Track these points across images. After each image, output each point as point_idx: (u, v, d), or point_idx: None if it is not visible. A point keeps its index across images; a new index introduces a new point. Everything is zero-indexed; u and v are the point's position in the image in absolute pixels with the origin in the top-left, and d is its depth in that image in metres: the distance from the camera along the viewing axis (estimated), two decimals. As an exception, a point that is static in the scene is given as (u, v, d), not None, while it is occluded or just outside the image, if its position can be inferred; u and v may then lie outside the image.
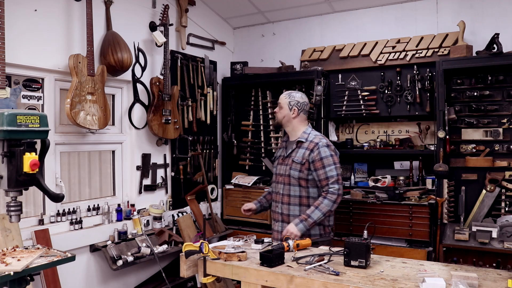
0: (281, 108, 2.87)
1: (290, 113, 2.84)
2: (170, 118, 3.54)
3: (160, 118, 3.50)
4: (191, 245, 2.21)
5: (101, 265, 3.18)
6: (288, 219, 2.79)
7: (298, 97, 2.87)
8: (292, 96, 2.86)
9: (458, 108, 3.49)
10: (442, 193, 3.37)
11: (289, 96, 2.87)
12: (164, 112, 3.51)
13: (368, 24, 4.07)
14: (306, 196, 2.78)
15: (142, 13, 3.59)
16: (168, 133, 3.60)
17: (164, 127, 3.54)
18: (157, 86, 3.50)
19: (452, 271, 1.89)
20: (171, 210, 3.81)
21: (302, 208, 2.77)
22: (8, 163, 1.91)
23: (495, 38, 3.23)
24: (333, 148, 2.79)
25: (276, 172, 2.94)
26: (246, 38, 4.77)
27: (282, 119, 2.89)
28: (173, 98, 3.63)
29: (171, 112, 3.56)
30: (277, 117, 2.92)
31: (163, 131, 3.54)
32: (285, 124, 2.90)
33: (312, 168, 2.74)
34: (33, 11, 2.77)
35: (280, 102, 2.89)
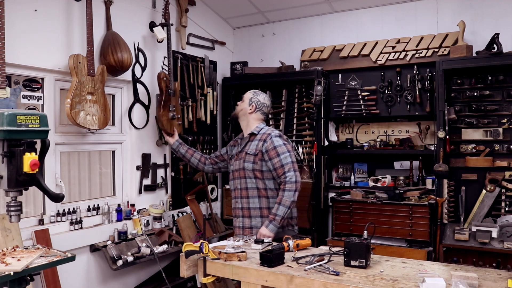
0: (242, 102, 3.04)
1: (248, 108, 2.99)
2: (175, 113, 3.56)
3: (167, 114, 3.51)
4: (191, 245, 2.21)
5: (101, 265, 3.18)
6: (248, 212, 2.89)
7: (260, 97, 3.04)
8: (256, 94, 3.05)
9: (458, 108, 3.49)
10: (442, 193, 3.37)
11: (254, 93, 3.05)
12: (171, 108, 3.52)
13: (368, 24, 4.07)
14: (263, 188, 2.87)
15: (142, 13, 3.59)
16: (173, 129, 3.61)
17: (171, 123, 3.55)
18: (165, 81, 3.49)
19: (452, 271, 1.89)
20: (171, 210, 3.81)
21: (262, 200, 2.85)
22: (8, 163, 1.91)
23: (495, 38, 3.23)
24: (286, 138, 2.94)
25: (232, 170, 3.04)
26: (246, 38, 4.77)
27: (239, 112, 3.05)
28: (176, 94, 3.63)
29: (175, 108, 3.57)
30: (236, 109, 3.09)
31: (169, 127, 3.54)
32: (240, 117, 3.06)
33: (266, 158, 2.82)
34: (33, 11, 2.76)
35: (243, 96, 3.07)
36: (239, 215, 2.95)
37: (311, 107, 4.01)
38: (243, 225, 2.91)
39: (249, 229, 2.89)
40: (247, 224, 2.91)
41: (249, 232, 2.84)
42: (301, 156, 4.07)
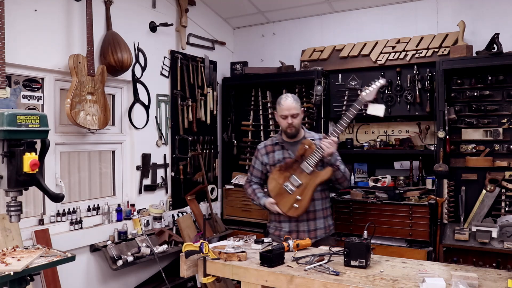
0: (298, 115, 2.79)
1: (301, 115, 2.85)
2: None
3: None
4: (191, 245, 2.21)
5: (101, 265, 3.18)
6: (314, 215, 2.81)
7: (297, 97, 2.88)
8: (297, 98, 2.84)
9: (458, 108, 3.49)
10: (442, 193, 3.37)
11: (296, 99, 2.81)
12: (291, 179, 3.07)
13: (368, 24, 4.07)
14: (324, 189, 2.87)
15: (142, 13, 3.59)
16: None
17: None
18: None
19: (452, 271, 1.89)
20: (171, 210, 3.81)
21: (324, 201, 2.86)
22: (8, 163, 1.91)
23: (495, 38, 3.22)
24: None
25: None
26: (246, 38, 4.77)
27: (299, 125, 2.84)
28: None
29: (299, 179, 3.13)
30: (295, 124, 2.79)
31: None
32: (299, 127, 2.86)
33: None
34: (33, 11, 2.77)
35: (294, 111, 2.76)
36: (303, 219, 2.79)
37: (311, 107, 4.00)
38: (309, 228, 2.79)
39: (314, 231, 2.80)
40: (312, 227, 2.81)
41: (314, 235, 2.78)
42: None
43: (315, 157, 2.67)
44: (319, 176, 2.71)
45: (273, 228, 2.92)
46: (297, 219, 2.78)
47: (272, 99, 4.37)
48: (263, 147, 2.99)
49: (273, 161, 2.90)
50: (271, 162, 2.91)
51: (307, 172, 2.70)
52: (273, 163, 2.89)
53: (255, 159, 3.02)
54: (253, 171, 3.03)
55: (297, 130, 2.83)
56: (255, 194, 2.95)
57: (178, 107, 3.89)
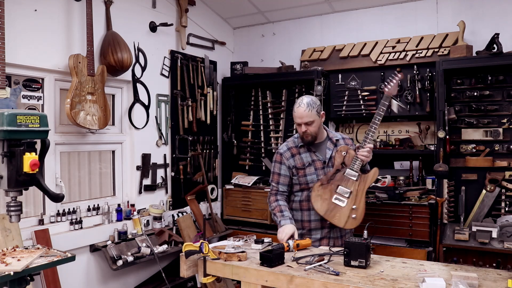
0: (312, 122, 2.58)
1: (320, 120, 2.63)
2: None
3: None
4: (191, 245, 2.20)
5: (101, 265, 3.18)
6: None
7: (315, 99, 2.64)
8: (313, 103, 2.59)
9: (458, 108, 3.49)
10: (442, 193, 3.37)
11: (311, 105, 2.57)
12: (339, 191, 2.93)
13: (368, 24, 4.07)
14: None
15: (142, 13, 3.59)
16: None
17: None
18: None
19: (452, 271, 1.89)
20: (171, 210, 3.81)
21: None
22: (8, 163, 1.91)
23: (495, 38, 3.23)
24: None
25: (316, 179, 2.64)
26: (246, 38, 4.77)
27: (316, 132, 2.62)
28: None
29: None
30: (311, 132, 2.59)
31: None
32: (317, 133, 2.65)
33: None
34: (33, 11, 2.77)
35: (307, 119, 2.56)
36: (325, 226, 2.64)
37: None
38: (341, 233, 2.66)
39: (340, 238, 2.67)
40: (343, 231, 2.67)
41: (339, 243, 2.63)
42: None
43: (357, 162, 2.55)
44: (368, 179, 2.59)
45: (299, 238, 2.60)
46: (330, 225, 2.61)
47: (272, 99, 4.37)
48: (287, 150, 2.72)
49: (302, 164, 2.66)
50: (299, 165, 2.66)
51: (354, 178, 2.57)
52: (302, 166, 2.65)
53: (279, 165, 2.72)
54: (280, 179, 2.71)
55: (313, 137, 2.63)
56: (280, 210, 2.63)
57: (178, 107, 3.89)
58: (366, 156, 2.56)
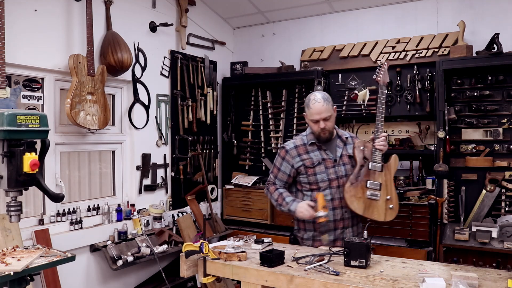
0: (330, 117, 2.52)
1: (335, 114, 2.59)
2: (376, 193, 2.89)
3: (361, 191, 2.83)
4: (191, 245, 2.21)
5: (101, 265, 3.18)
6: (349, 222, 2.59)
7: (327, 94, 2.58)
8: (327, 97, 2.55)
9: (458, 108, 3.49)
10: (442, 193, 3.37)
11: (326, 99, 2.52)
12: (370, 185, 2.88)
13: (368, 24, 4.07)
14: None
15: (142, 13, 3.59)
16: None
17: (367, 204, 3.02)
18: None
19: (452, 271, 1.89)
20: (171, 210, 3.81)
21: None
22: (8, 163, 1.91)
23: (495, 38, 3.23)
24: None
25: (327, 178, 2.57)
26: (246, 38, 4.77)
27: (333, 127, 2.60)
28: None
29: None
30: (329, 128, 2.54)
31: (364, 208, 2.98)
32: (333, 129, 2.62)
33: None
34: (33, 11, 2.77)
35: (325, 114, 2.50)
36: (338, 227, 2.57)
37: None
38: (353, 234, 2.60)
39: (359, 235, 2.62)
40: (355, 232, 2.62)
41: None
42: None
43: (377, 153, 2.57)
44: (391, 166, 2.61)
45: (310, 240, 2.62)
46: (343, 225, 2.56)
47: (272, 99, 4.37)
48: (293, 147, 2.64)
49: (311, 163, 2.58)
50: (308, 163, 2.58)
51: (379, 170, 2.57)
52: (312, 165, 2.58)
53: (281, 161, 2.66)
54: (278, 174, 2.68)
55: (331, 133, 2.58)
56: (283, 198, 2.60)
57: (178, 107, 3.89)
58: (383, 145, 2.57)
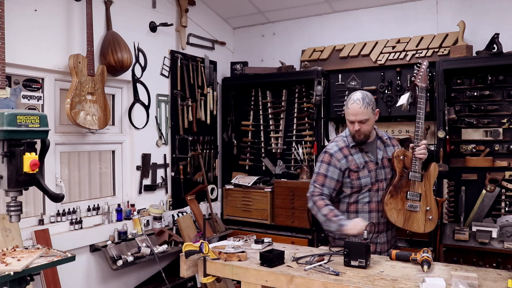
0: (367, 121, 2.42)
1: (374, 118, 2.48)
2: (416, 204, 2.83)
3: (400, 203, 2.70)
4: (191, 245, 2.21)
5: (101, 265, 3.18)
6: (384, 227, 2.53)
7: (370, 95, 2.47)
8: (369, 99, 2.43)
9: (458, 108, 3.49)
10: (442, 193, 3.37)
11: (367, 102, 2.41)
12: (409, 196, 2.73)
13: (368, 24, 4.07)
14: None
15: (142, 13, 3.59)
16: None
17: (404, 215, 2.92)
18: (402, 161, 2.65)
19: (452, 271, 1.89)
20: (171, 210, 3.81)
21: None
22: (8, 163, 1.91)
23: (495, 38, 3.23)
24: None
25: (372, 181, 2.48)
26: (246, 38, 4.77)
27: (369, 131, 2.48)
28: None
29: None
30: (364, 131, 2.43)
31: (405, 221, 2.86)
32: (370, 132, 2.50)
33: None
34: (33, 11, 2.77)
35: (362, 117, 2.39)
36: (383, 229, 2.51)
37: (311, 107, 4.01)
38: (387, 238, 2.54)
39: (392, 239, 2.59)
40: (390, 236, 2.56)
41: (392, 245, 2.56)
42: (301, 156, 4.07)
43: (417, 162, 2.47)
44: (430, 175, 2.52)
45: (342, 240, 2.39)
46: (378, 229, 2.48)
47: (272, 99, 4.37)
48: (338, 150, 2.51)
49: (356, 166, 2.47)
50: (353, 167, 2.47)
51: (419, 180, 2.49)
52: (357, 169, 2.46)
53: (327, 166, 2.49)
54: (325, 181, 2.48)
55: (366, 136, 2.46)
56: (335, 214, 2.39)
57: (178, 107, 3.89)
58: (424, 154, 2.47)
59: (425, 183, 2.52)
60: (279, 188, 4.02)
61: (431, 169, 2.56)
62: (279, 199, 4.02)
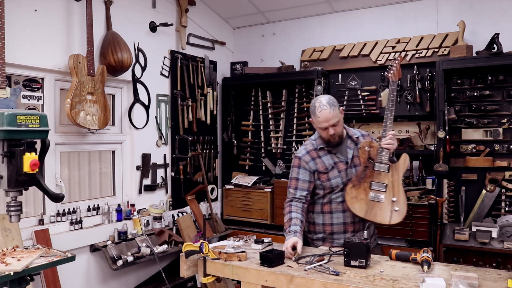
0: (338, 122, 2.42)
1: (342, 116, 2.49)
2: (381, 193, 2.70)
3: (361, 192, 2.70)
4: (191, 245, 2.21)
5: (101, 265, 3.18)
6: (360, 226, 2.52)
7: (332, 97, 2.47)
8: (332, 101, 2.43)
9: (458, 108, 3.49)
10: (442, 193, 3.37)
11: (332, 104, 2.40)
12: (374, 186, 2.70)
13: (368, 24, 4.07)
14: None
15: (142, 13, 3.59)
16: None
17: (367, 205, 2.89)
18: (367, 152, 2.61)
19: (452, 271, 1.89)
20: (171, 210, 3.81)
21: None
22: (8, 163, 1.91)
23: (495, 38, 3.23)
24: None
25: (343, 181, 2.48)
26: (246, 38, 4.77)
27: (342, 131, 2.49)
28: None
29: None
30: (338, 133, 2.44)
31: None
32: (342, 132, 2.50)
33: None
34: (33, 11, 2.77)
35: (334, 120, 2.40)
36: (360, 228, 2.51)
37: (311, 107, 4.00)
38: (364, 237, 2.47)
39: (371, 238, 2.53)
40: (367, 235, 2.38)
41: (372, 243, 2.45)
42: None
43: (384, 152, 2.41)
44: (399, 166, 2.42)
45: (320, 240, 2.56)
46: (354, 228, 2.48)
47: (272, 99, 4.37)
48: (306, 153, 2.55)
49: (324, 168, 2.49)
50: (321, 169, 2.50)
51: (385, 170, 2.42)
52: (325, 170, 2.49)
53: (297, 170, 2.54)
54: (298, 184, 2.53)
55: (340, 137, 2.47)
56: (289, 225, 2.42)
57: (178, 107, 3.90)
58: (390, 144, 2.41)
59: (392, 174, 2.43)
60: (279, 188, 4.02)
61: (401, 160, 2.46)
62: (279, 199, 4.01)
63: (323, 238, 2.54)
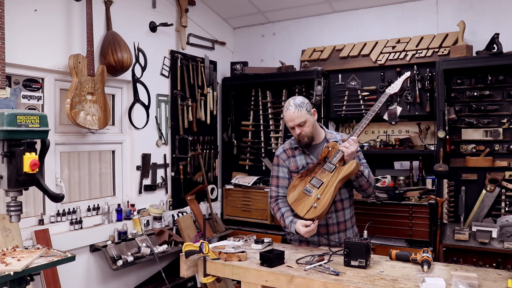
0: (305, 123, 2.48)
1: (313, 118, 2.53)
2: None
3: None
4: (191, 245, 2.21)
5: (101, 265, 3.18)
6: (345, 225, 2.57)
7: (302, 99, 2.54)
8: (301, 102, 2.49)
9: (458, 108, 3.49)
10: (442, 193, 3.37)
11: (298, 105, 2.47)
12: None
13: (368, 24, 4.07)
14: (350, 195, 2.65)
15: (142, 13, 3.59)
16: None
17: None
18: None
19: (452, 271, 1.89)
20: (171, 210, 3.81)
21: (351, 209, 2.66)
22: (8, 163, 1.91)
23: (495, 38, 3.23)
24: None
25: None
26: (246, 38, 4.77)
27: (312, 132, 2.53)
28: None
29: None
30: (306, 133, 2.50)
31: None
32: (313, 133, 2.55)
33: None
34: (33, 11, 2.77)
35: (299, 121, 2.46)
36: (334, 231, 2.55)
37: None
38: (340, 240, 2.53)
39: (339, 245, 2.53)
40: (342, 239, 2.52)
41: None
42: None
43: (338, 154, 2.43)
44: (342, 170, 2.42)
45: (297, 241, 2.63)
46: (327, 231, 2.54)
47: (272, 99, 4.37)
48: (283, 151, 2.66)
49: (295, 167, 2.59)
50: (292, 168, 2.59)
51: (330, 170, 2.45)
52: (296, 170, 2.58)
53: (277, 168, 2.65)
54: (279, 182, 2.63)
55: (310, 138, 2.52)
56: (284, 220, 2.53)
57: (178, 107, 3.90)
58: (346, 147, 2.39)
59: (333, 175, 2.45)
60: (279, 188, 4.02)
61: (346, 165, 2.44)
62: (279, 199, 4.02)
63: (300, 240, 2.60)
